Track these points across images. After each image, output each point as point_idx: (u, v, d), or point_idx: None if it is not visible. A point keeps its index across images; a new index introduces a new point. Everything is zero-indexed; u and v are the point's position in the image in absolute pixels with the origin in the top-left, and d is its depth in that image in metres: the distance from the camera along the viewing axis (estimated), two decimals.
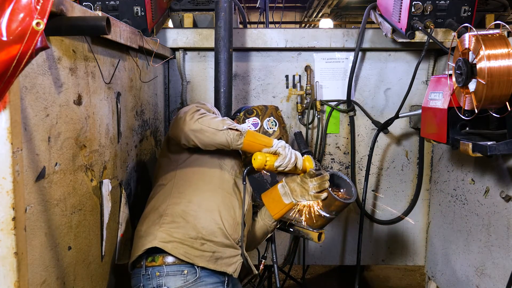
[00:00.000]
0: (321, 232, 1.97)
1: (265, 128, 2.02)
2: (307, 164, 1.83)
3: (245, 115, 2.05)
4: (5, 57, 0.85)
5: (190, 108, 1.78)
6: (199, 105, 1.86)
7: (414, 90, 2.74)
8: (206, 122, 1.71)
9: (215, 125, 1.71)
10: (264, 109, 2.08)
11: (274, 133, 2.03)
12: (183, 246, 1.68)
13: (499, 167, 2.00)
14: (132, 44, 1.85)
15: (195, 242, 1.70)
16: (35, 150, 1.19)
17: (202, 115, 1.74)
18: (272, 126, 2.04)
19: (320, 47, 2.78)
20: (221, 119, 1.76)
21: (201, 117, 1.73)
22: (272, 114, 2.07)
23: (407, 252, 3.02)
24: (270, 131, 2.03)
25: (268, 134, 2.01)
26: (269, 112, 2.07)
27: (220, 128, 1.71)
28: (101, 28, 1.19)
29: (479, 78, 1.57)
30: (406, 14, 2.36)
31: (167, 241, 1.68)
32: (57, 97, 1.30)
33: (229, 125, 1.72)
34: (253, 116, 2.04)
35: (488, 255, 2.11)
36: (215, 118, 1.75)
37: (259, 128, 2.01)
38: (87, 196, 1.53)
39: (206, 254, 1.71)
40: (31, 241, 1.17)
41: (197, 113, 1.74)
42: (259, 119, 2.04)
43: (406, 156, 2.92)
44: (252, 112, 2.05)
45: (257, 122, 2.03)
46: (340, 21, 14.04)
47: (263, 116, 2.04)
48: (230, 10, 2.38)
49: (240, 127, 1.76)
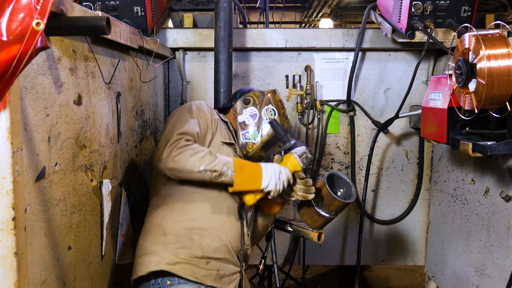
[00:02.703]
0: (321, 232, 1.97)
1: (264, 119, 1.93)
2: (293, 166, 1.76)
3: (242, 105, 1.95)
4: (5, 57, 0.85)
5: (172, 137, 1.64)
6: (193, 111, 1.77)
7: (414, 90, 2.74)
8: (182, 161, 1.61)
9: (191, 165, 1.61)
10: (262, 96, 1.97)
11: None
12: (190, 266, 1.70)
13: (499, 167, 2.00)
14: (132, 44, 1.85)
15: (201, 262, 1.72)
16: (35, 150, 1.19)
17: (180, 150, 1.62)
18: (271, 116, 1.94)
19: (320, 47, 2.78)
20: (200, 156, 1.63)
21: (178, 154, 1.61)
22: (271, 101, 1.96)
23: (407, 252, 3.02)
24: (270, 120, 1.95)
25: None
26: (267, 99, 1.96)
27: (196, 170, 1.62)
28: (101, 28, 1.19)
29: (479, 78, 1.57)
30: (406, 14, 2.36)
31: (174, 263, 1.68)
32: (57, 97, 1.30)
33: (207, 166, 1.62)
34: (250, 105, 1.94)
35: (488, 255, 2.11)
36: (194, 155, 1.62)
37: (258, 119, 1.92)
38: (87, 196, 1.53)
39: (212, 272, 1.74)
40: (31, 241, 1.17)
41: (175, 148, 1.62)
42: (257, 108, 1.93)
43: (406, 156, 2.92)
44: (248, 101, 1.94)
45: (255, 113, 1.93)
46: (340, 21, 14.04)
47: (261, 104, 1.94)
48: (230, 10, 2.38)
49: (219, 166, 1.64)
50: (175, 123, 1.72)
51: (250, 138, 1.90)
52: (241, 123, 1.92)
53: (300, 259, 3.00)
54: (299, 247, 2.97)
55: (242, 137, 1.91)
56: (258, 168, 1.71)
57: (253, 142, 1.90)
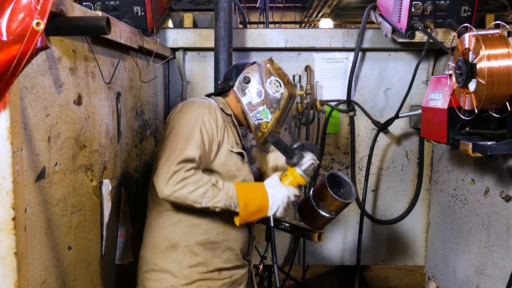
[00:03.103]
0: (321, 232, 1.97)
1: (271, 94, 1.77)
2: (298, 182, 1.72)
3: (242, 85, 1.78)
4: (5, 57, 0.85)
5: (172, 165, 1.53)
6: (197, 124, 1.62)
7: (414, 90, 2.74)
8: (182, 198, 1.54)
9: (192, 201, 1.55)
10: (258, 68, 1.80)
11: (283, 96, 1.79)
12: (205, 281, 1.70)
13: (499, 167, 2.00)
14: (132, 44, 1.85)
15: (214, 274, 1.73)
16: (35, 150, 1.19)
17: (179, 185, 1.52)
18: (277, 88, 1.79)
19: (320, 47, 2.78)
20: (202, 192, 1.55)
21: (178, 190, 1.52)
22: (272, 71, 1.81)
23: (407, 252, 3.02)
24: (278, 95, 1.79)
25: (276, 99, 1.79)
26: (267, 71, 1.80)
27: (197, 206, 1.57)
28: (101, 28, 1.19)
29: (479, 78, 1.57)
30: (406, 14, 2.36)
31: (190, 283, 1.68)
32: (57, 97, 1.30)
33: (208, 202, 1.56)
34: (251, 83, 1.78)
35: (488, 255, 2.11)
36: (194, 191, 1.54)
37: (265, 96, 1.77)
38: (87, 196, 1.53)
39: (225, 281, 1.76)
40: (31, 241, 1.17)
41: (174, 182, 1.52)
42: (260, 84, 1.77)
43: (406, 156, 2.92)
44: (247, 79, 1.78)
45: (259, 90, 1.77)
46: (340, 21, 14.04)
47: (262, 78, 1.78)
48: (230, 10, 2.38)
49: (221, 202, 1.57)
50: (177, 140, 1.59)
51: (262, 118, 1.79)
52: (247, 104, 1.78)
53: (300, 259, 3.00)
54: (299, 247, 2.97)
55: (253, 119, 1.79)
56: (264, 198, 1.65)
57: (266, 120, 1.79)
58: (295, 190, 1.70)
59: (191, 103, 1.73)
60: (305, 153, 1.73)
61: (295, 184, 1.71)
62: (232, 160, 1.73)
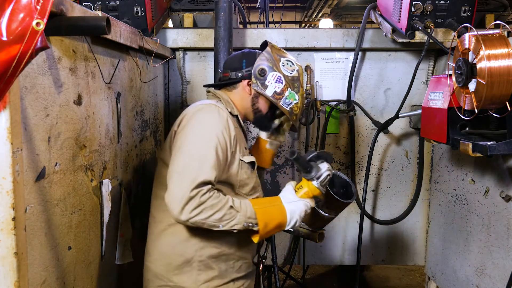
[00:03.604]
0: (321, 232, 1.97)
1: (289, 76, 1.77)
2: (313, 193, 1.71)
3: (259, 79, 1.74)
4: (5, 57, 0.85)
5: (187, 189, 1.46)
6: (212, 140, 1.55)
7: (414, 90, 2.74)
8: (198, 223, 1.50)
9: (209, 226, 1.51)
10: (269, 56, 1.76)
11: (299, 73, 1.80)
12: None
13: (499, 167, 2.00)
14: (132, 44, 1.85)
15: (229, 285, 1.71)
16: (35, 150, 1.19)
17: (195, 211, 1.47)
18: (291, 67, 1.79)
19: (320, 47, 2.78)
20: (219, 217, 1.50)
21: (193, 217, 1.47)
22: (278, 54, 1.79)
23: (407, 252, 3.02)
24: (295, 73, 1.79)
25: (295, 78, 1.78)
26: (275, 55, 1.77)
27: (215, 229, 1.53)
28: (101, 28, 1.19)
29: (479, 78, 1.57)
30: (406, 14, 2.36)
31: None
32: (57, 97, 1.30)
33: (226, 225, 1.52)
34: (268, 72, 1.73)
35: (488, 255, 2.11)
36: (211, 216, 1.49)
37: (284, 79, 1.75)
38: (87, 196, 1.53)
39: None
40: (31, 241, 1.17)
41: (189, 209, 1.46)
42: (276, 70, 1.74)
43: (406, 156, 2.92)
44: (263, 71, 1.73)
45: (278, 76, 1.74)
46: (340, 21, 14.05)
47: (275, 64, 1.75)
48: (230, 10, 2.38)
49: (240, 225, 1.54)
50: (190, 159, 1.52)
51: (291, 102, 1.77)
52: (273, 95, 1.75)
53: (300, 259, 3.00)
54: (299, 247, 2.97)
55: (285, 106, 1.77)
56: (283, 215, 1.62)
57: (296, 102, 1.79)
58: (311, 202, 1.69)
59: (202, 114, 1.63)
60: (320, 164, 1.72)
61: (310, 196, 1.70)
62: (243, 169, 1.70)
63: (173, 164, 1.55)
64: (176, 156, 1.55)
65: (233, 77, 1.79)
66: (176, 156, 1.55)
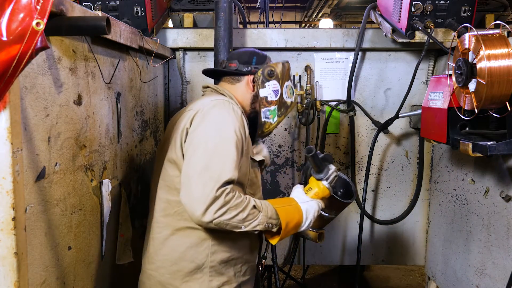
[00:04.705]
0: (321, 232, 1.97)
1: (284, 98, 1.75)
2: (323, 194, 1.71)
3: (265, 77, 1.71)
4: (5, 57, 0.85)
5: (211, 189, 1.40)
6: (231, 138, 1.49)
7: (414, 90, 2.74)
8: (221, 225, 1.44)
9: (232, 227, 1.46)
10: (282, 68, 1.75)
11: (291, 105, 1.79)
12: None
13: (499, 167, 2.00)
14: (132, 44, 1.85)
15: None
16: (35, 150, 1.19)
17: (220, 212, 1.41)
18: (290, 95, 1.77)
19: (320, 47, 2.78)
20: (243, 217, 1.46)
21: (217, 218, 1.41)
22: (289, 76, 1.79)
23: (407, 252, 3.02)
24: (288, 101, 1.77)
25: (285, 105, 1.77)
26: (287, 74, 1.77)
27: (237, 231, 1.48)
28: (101, 28, 1.19)
29: (479, 78, 1.57)
30: (406, 14, 2.36)
31: None
32: (57, 97, 1.30)
33: (248, 226, 1.48)
34: (273, 79, 1.72)
35: (488, 255, 2.11)
36: (235, 216, 1.44)
37: (279, 97, 1.73)
38: (87, 196, 1.53)
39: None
40: (31, 241, 1.17)
41: (213, 210, 1.41)
42: (279, 84, 1.73)
43: (406, 156, 2.92)
44: (272, 73, 1.72)
45: (277, 90, 1.73)
46: (340, 21, 14.05)
47: (283, 80, 1.75)
48: (230, 10, 2.38)
49: (261, 225, 1.49)
50: (211, 157, 1.46)
51: (269, 118, 1.74)
52: (262, 98, 1.72)
53: (300, 259, 3.00)
54: (299, 247, 2.97)
55: (262, 115, 1.73)
56: (300, 215, 1.61)
57: (271, 122, 1.75)
58: (321, 203, 1.69)
59: (217, 110, 1.56)
60: (328, 165, 1.73)
61: (320, 196, 1.70)
62: (252, 168, 1.67)
63: (190, 164, 1.48)
64: (194, 155, 1.49)
65: (241, 69, 1.74)
66: (194, 155, 1.49)
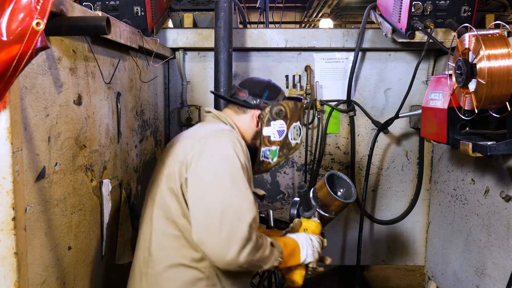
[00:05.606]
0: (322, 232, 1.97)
1: (288, 140, 1.66)
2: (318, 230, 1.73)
3: (272, 115, 1.61)
4: (5, 57, 0.85)
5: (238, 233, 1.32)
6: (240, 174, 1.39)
7: (414, 90, 2.74)
8: (251, 265, 1.37)
9: (255, 266, 1.41)
10: (293, 107, 1.65)
11: (295, 147, 1.69)
12: None
13: (499, 167, 2.00)
14: (132, 44, 1.85)
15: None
16: (35, 150, 1.19)
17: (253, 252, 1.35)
18: (296, 136, 1.68)
19: (320, 47, 2.78)
20: (266, 255, 1.42)
21: (251, 258, 1.35)
22: (300, 117, 1.69)
23: (407, 252, 3.02)
24: (293, 143, 1.68)
25: (289, 146, 1.67)
26: (297, 114, 1.67)
27: (256, 269, 1.45)
28: (101, 28, 1.19)
29: (479, 78, 1.57)
30: (406, 14, 2.36)
31: None
32: (57, 97, 1.30)
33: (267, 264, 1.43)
34: (281, 118, 1.62)
35: (488, 255, 2.11)
36: (261, 256, 1.40)
37: (283, 138, 1.64)
38: (87, 196, 1.53)
39: None
40: (31, 241, 1.17)
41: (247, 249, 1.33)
42: (286, 124, 1.64)
43: (406, 156, 2.92)
44: (280, 113, 1.61)
45: (283, 130, 1.63)
46: (340, 21, 14.04)
47: (291, 120, 1.65)
48: (230, 10, 2.38)
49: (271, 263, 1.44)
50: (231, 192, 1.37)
51: (268, 158, 1.65)
52: (265, 137, 1.63)
53: None
54: None
55: (261, 154, 1.64)
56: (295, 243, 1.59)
57: (270, 161, 1.66)
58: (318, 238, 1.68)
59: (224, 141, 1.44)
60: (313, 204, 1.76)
61: (317, 233, 1.70)
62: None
63: (207, 200, 1.37)
64: (209, 191, 1.37)
65: (249, 101, 1.63)
66: (209, 191, 1.37)
